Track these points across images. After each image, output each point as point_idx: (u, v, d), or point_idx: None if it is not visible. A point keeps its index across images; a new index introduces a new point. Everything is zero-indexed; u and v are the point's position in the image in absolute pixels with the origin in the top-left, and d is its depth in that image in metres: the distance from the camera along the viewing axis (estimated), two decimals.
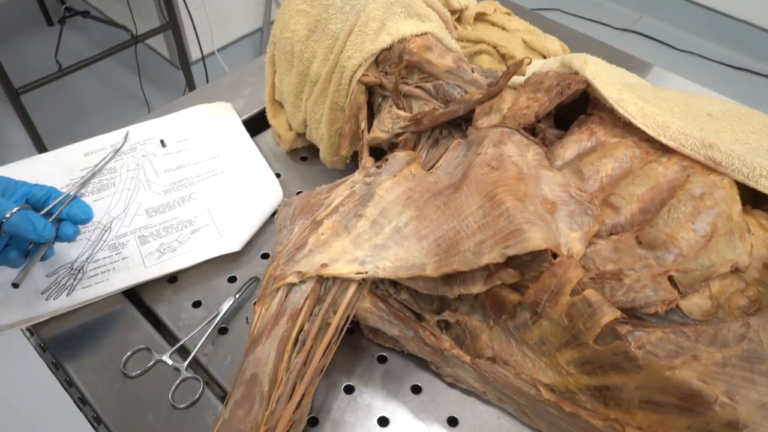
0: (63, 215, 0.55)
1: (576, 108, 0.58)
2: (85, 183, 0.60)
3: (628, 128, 0.53)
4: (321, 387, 0.54)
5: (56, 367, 0.58)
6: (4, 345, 1.49)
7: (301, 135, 0.73)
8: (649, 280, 0.44)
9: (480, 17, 0.83)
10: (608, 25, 2.45)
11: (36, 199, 0.55)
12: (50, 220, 0.54)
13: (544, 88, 0.53)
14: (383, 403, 0.53)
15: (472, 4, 0.83)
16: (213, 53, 2.14)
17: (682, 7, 2.38)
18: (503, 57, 0.78)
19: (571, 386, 0.45)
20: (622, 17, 2.48)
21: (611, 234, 0.48)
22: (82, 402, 0.56)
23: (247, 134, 0.75)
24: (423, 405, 0.53)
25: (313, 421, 0.52)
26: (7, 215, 0.51)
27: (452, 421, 0.53)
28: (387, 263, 0.50)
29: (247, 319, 0.59)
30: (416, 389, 0.55)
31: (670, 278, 0.44)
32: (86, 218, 0.56)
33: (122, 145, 0.68)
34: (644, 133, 0.52)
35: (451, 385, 0.54)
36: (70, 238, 0.56)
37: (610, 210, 0.48)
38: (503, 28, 0.82)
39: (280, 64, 0.70)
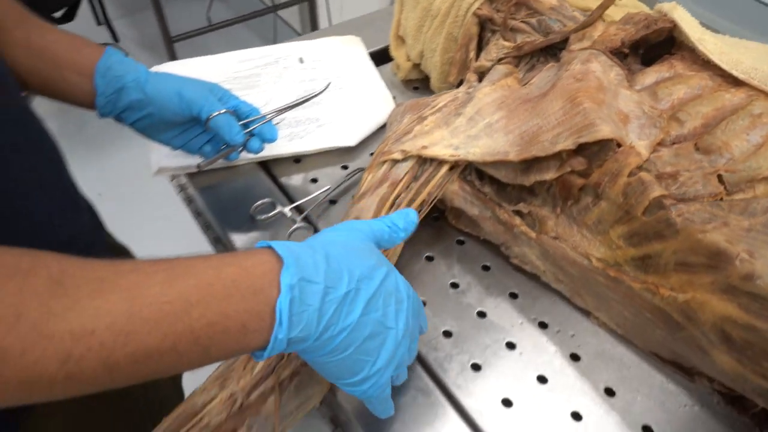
0: (255, 132, 0.68)
1: (661, 54, 0.66)
2: (281, 111, 0.71)
3: (705, 66, 0.60)
4: (405, 256, 0.65)
5: (198, 214, 0.73)
6: (152, 196, 1.74)
7: (416, 66, 0.84)
8: (700, 177, 0.52)
9: None
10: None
11: (240, 112, 0.67)
12: (245, 132, 0.67)
13: (633, 21, 0.61)
14: (457, 273, 0.63)
15: None
16: None
17: None
18: None
19: (619, 258, 0.53)
20: None
21: (674, 143, 0.56)
22: (216, 241, 0.70)
23: (371, 62, 0.87)
24: (490, 280, 0.63)
25: None
26: (215, 114, 0.64)
27: (513, 295, 0.62)
28: (477, 150, 0.60)
29: (353, 196, 0.70)
30: (486, 268, 0.64)
31: (719, 177, 0.51)
32: (271, 139, 0.68)
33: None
34: (720, 71, 0.59)
35: (516, 268, 0.63)
36: (254, 151, 0.68)
37: (675, 123, 0.56)
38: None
39: (407, 2, 0.82)
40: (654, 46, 0.65)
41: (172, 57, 1.83)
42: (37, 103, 0.73)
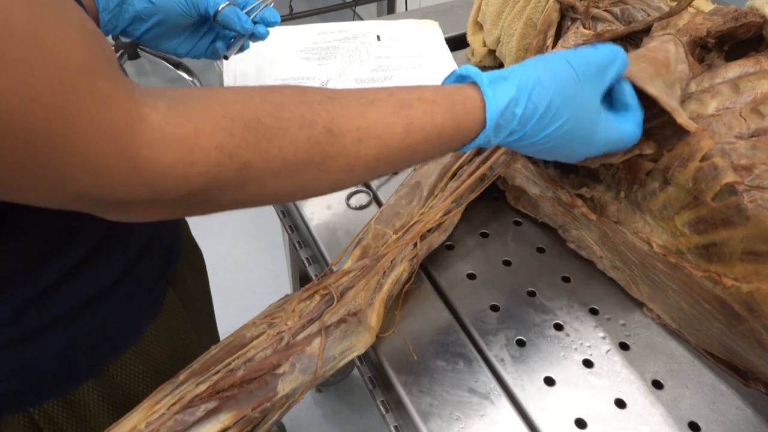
0: (257, 18, 0.67)
1: (747, 54, 0.63)
2: None
3: None
4: (461, 230, 0.65)
5: None
6: None
7: (491, 53, 0.85)
8: None
9: None
10: None
11: (239, 1, 0.66)
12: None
13: (721, 13, 0.60)
14: (510, 251, 0.63)
15: None
16: None
17: None
18: None
19: (682, 246, 0.52)
20: None
21: (752, 136, 0.54)
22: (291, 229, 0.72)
23: (446, 46, 0.88)
24: (544, 262, 0.62)
25: (449, 246, 0.63)
26: (222, 7, 0.63)
27: (566, 279, 0.61)
28: None
29: (414, 168, 0.71)
30: (540, 250, 0.64)
31: None
32: (274, 21, 0.67)
33: None
34: None
35: (571, 253, 0.62)
36: (262, 37, 0.67)
37: (755, 116, 0.54)
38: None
39: None
40: (740, 44, 0.63)
41: None
42: None
